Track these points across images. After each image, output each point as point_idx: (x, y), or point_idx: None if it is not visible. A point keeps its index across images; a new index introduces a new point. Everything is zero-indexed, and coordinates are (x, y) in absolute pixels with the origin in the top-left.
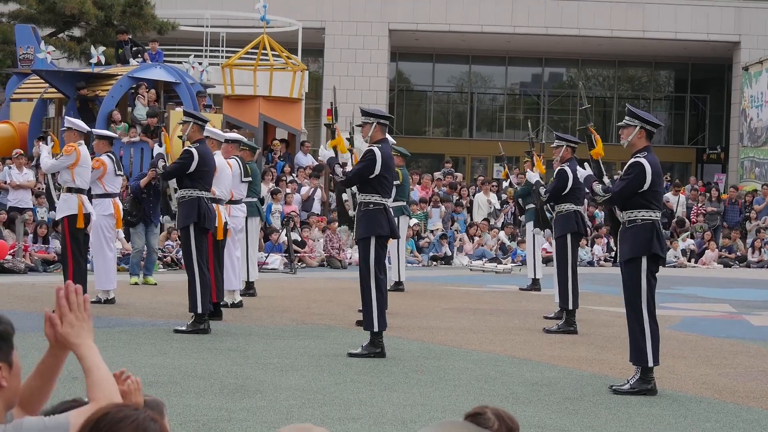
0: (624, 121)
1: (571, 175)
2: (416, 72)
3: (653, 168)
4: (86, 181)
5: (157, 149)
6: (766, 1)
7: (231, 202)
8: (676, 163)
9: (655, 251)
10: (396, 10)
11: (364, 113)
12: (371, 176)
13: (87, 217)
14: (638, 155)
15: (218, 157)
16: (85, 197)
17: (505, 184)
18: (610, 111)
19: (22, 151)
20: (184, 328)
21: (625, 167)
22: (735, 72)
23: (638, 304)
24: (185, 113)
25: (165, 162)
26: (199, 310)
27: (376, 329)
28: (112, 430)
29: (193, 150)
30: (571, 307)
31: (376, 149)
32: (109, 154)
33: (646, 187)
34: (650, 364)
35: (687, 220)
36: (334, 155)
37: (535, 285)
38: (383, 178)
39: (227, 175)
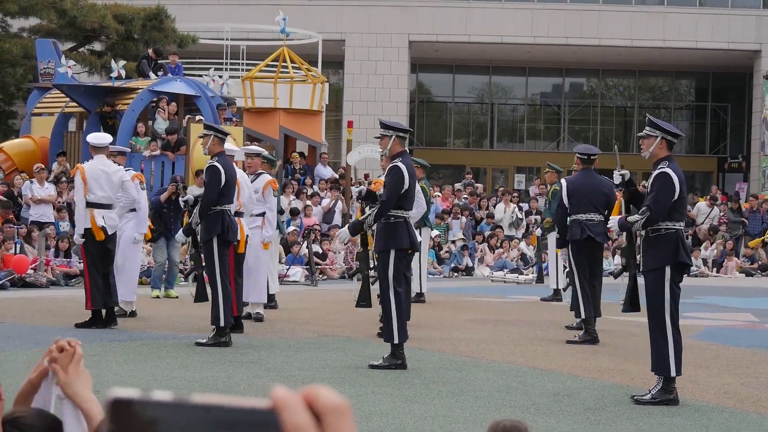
0: (645, 131)
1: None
2: (436, 83)
3: (679, 177)
4: (99, 195)
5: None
6: None
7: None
8: (698, 172)
9: (682, 259)
10: (416, 21)
11: (383, 126)
12: (402, 191)
13: (105, 230)
14: (661, 166)
15: (238, 171)
16: (97, 210)
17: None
18: (630, 121)
19: (44, 166)
20: (205, 341)
21: (651, 179)
22: (756, 80)
23: (661, 314)
24: (206, 126)
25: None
26: (221, 324)
27: (396, 341)
28: None
29: (217, 164)
30: (584, 315)
31: (399, 164)
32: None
33: (675, 196)
34: (673, 374)
35: (719, 228)
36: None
37: (556, 296)
38: (406, 191)
39: (246, 189)
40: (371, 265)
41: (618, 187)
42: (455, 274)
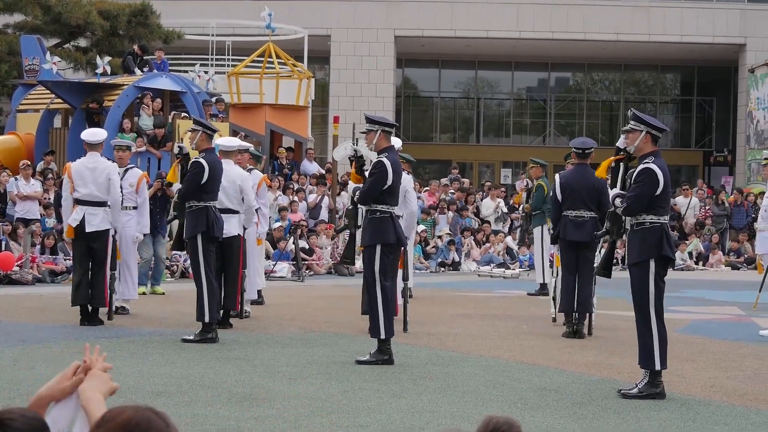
0: (629, 125)
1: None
2: (422, 78)
3: (663, 172)
4: (83, 192)
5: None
6: None
7: (228, 211)
8: (683, 166)
9: (665, 253)
10: (401, 16)
11: (369, 120)
12: (384, 188)
13: (83, 228)
14: (646, 161)
15: (235, 168)
16: (80, 207)
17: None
18: (616, 115)
19: (29, 162)
20: (192, 338)
21: (635, 174)
22: (741, 74)
23: (646, 308)
24: (195, 122)
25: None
26: (207, 320)
27: (382, 336)
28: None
29: (202, 161)
30: (559, 309)
31: (384, 160)
32: None
33: (658, 191)
34: (658, 367)
35: (704, 223)
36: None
37: (543, 290)
38: (390, 187)
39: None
40: (358, 223)
41: (620, 152)
42: (442, 269)
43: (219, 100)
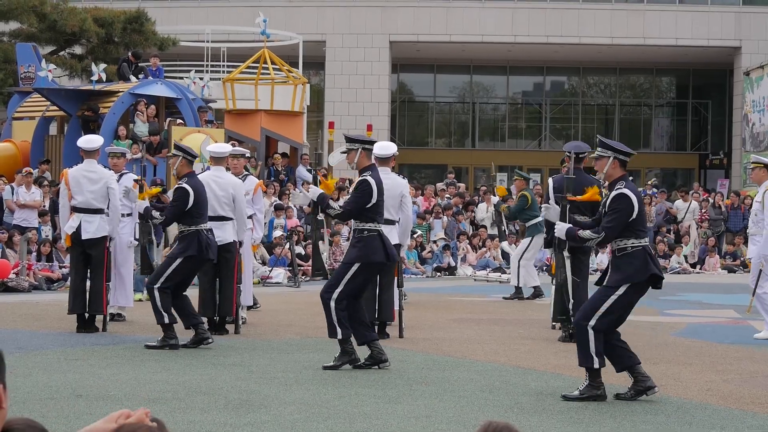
0: (597, 152)
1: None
2: (418, 83)
3: (637, 196)
4: (79, 200)
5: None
6: (767, 6)
7: (222, 218)
8: (679, 169)
9: (653, 272)
10: (396, 21)
11: (348, 140)
12: (368, 206)
13: (79, 235)
14: (618, 186)
15: (227, 175)
16: (76, 215)
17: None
18: (611, 118)
19: (31, 170)
20: (155, 344)
21: (610, 201)
22: (736, 77)
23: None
24: (175, 147)
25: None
26: (166, 321)
27: (339, 336)
28: None
29: (186, 186)
30: (552, 316)
31: (369, 178)
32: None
33: (634, 216)
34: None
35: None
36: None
37: (518, 293)
38: (375, 205)
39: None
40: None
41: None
42: (438, 273)
43: (202, 109)
